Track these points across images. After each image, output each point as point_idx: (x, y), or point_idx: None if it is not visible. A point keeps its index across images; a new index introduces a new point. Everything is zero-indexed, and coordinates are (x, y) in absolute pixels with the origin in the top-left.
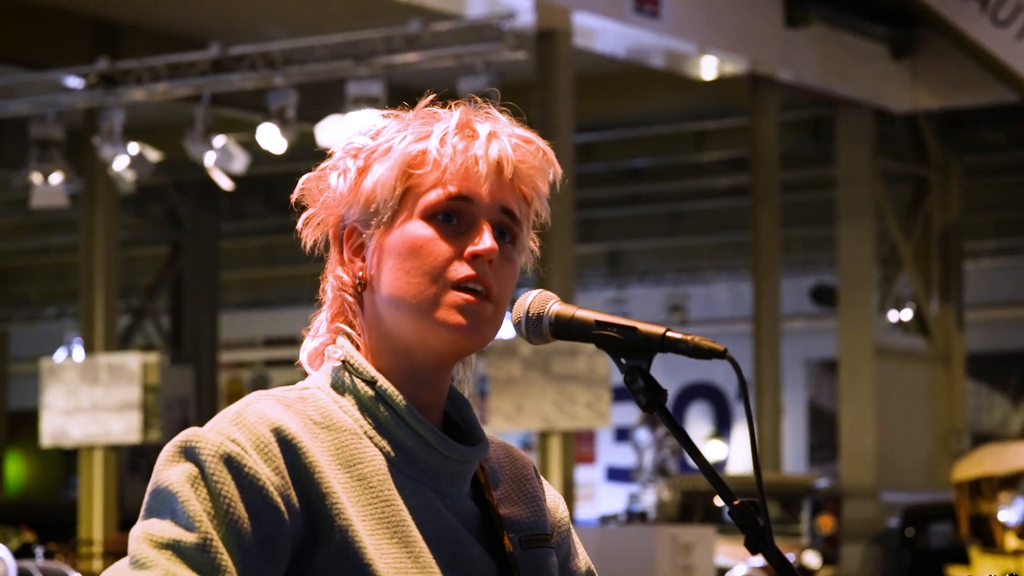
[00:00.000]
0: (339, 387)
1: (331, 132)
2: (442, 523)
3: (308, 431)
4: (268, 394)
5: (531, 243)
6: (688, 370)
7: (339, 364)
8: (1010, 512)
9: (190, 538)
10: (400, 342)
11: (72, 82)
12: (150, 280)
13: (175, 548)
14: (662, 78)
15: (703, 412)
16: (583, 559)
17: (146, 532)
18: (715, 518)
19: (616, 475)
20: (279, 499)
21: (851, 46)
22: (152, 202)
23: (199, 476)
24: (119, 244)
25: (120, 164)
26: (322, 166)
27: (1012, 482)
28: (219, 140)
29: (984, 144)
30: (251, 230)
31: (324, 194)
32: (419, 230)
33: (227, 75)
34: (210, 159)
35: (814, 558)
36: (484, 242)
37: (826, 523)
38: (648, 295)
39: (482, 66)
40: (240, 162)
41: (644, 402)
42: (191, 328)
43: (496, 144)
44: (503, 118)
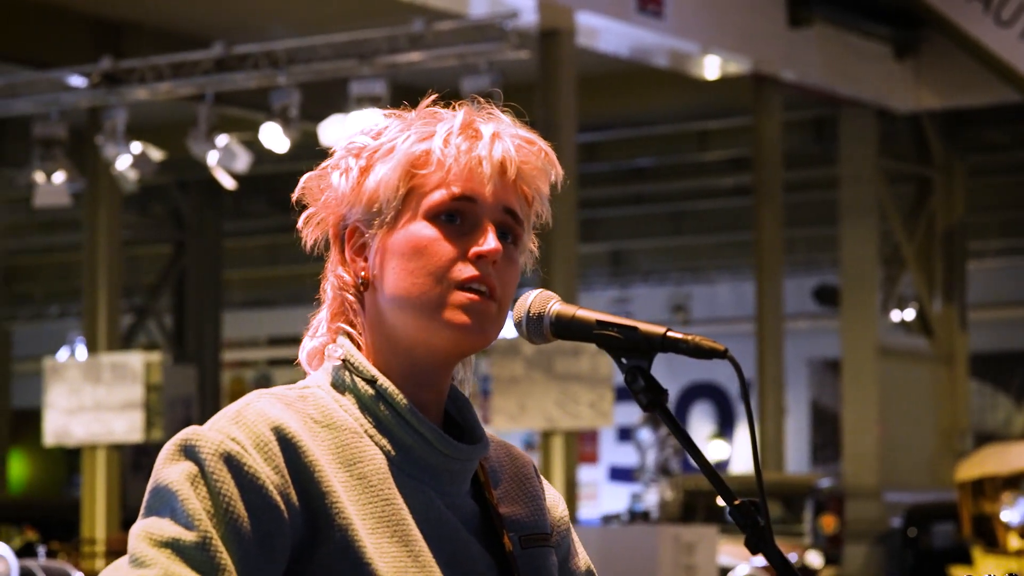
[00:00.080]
0: (339, 386)
1: (334, 131)
2: (442, 522)
3: (308, 430)
4: (268, 393)
5: (531, 244)
6: (690, 370)
7: (339, 363)
8: (1013, 512)
9: (190, 536)
10: (402, 341)
11: (75, 81)
12: (153, 279)
13: (175, 546)
14: (665, 78)
15: (705, 412)
16: (583, 558)
17: (146, 530)
18: (717, 518)
19: (619, 475)
20: (279, 498)
21: (854, 46)
22: (155, 201)
23: (199, 475)
24: (122, 243)
25: (123, 163)
26: (323, 165)
27: (1015, 482)
28: (222, 139)
29: (987, 144)
30: (254, 229)
31: (325, 193)
32: (423, 230)
33: (230, 74)
34: (213, 158)
35: (817, 558)
36: (488, 243)
37: (829, 523)
38: (651, 295)
39: (485, 66)
40: (243, 161)
41: (645, 402)
42: (194, 327)
43: (500, 145)
44: (505, 118)
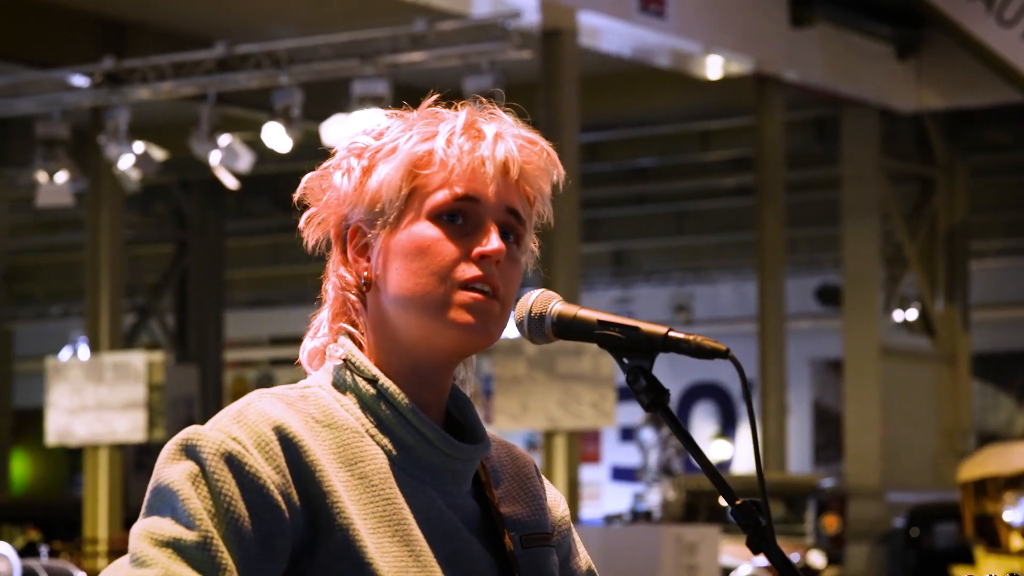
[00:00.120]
0: (340, 386)
1: (336, 131)
2: (443, 521)
3: (309, 429)
4: (269, 392)
5: (532, 244)
6: (693, 370)
7: (340, 363)
8: (1015, 512)
9: (190, 536)
10: (405, 341)
11: (78, 81)
12: (155, 279)
13: (175, 546)
14: (667, 78)
15: (708, 412)
16: (583, 558)
17: (147, 530)
18: (720, 518)
19: (621, 475)
20: (280, 497)
21: (856, 46)
22: (157, 201)
23: (200, 474)
24: (124, 243)
25: (125, 163)
26: (325, 165)
27: (1017, 482)
28: (224, 139)
29: (990, 144)
30: (256, 229)
31: (327, 193)
32: (426, 231)
33: (232, 74)
34: (215, 158)
35: (819, 558)
36: (492, 243)
37: (831, 523)
38: (653, 295)
39: (487, 65)
40: (245, 161)
41: (646, 402)
42: (196, 327)
43: (502, 145)
44: (507, 118)
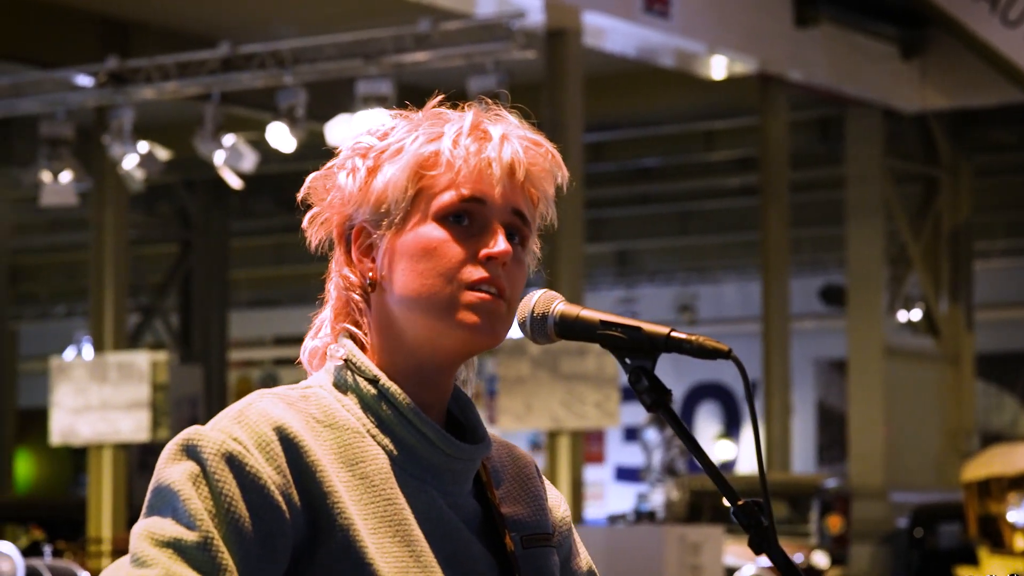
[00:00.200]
0: (341, 386)
1: (340, 131)
2: (444, 521)
3: (310, 429)
4: (270, 392)
5: (535, 245)
6: (697, 370)
7: (341, 363)
8: (1019, 513)
9: (191, 536)
10: (410, 342)
11: (82, 80)
12: (159, 278)
13: (176, 546)
14: (672, 78)
15: (712, 412)
16: (584, 559)
17: (147, 530)
18: (724, 518)
19: (625, 475)
20: (280, 498)
21: (861, 46)
22: (162, 200)
23: (200, 474)
24: (128, 242)
25: (130, 162)
26: (329, 164)
27: (1021, 483)
28: (229, 139)
29: (994, 144)
30: (260, 229)
31: (331, 193)
32: (432, 232)
33: (237, 74)
34: (219, 158)
35: (823, 558)
36: (498, 245)
37: (835, 523)
38: (657, 295)
39: (492, 65)
40: (249, 161)
41: (649, 402)
42: (200, 326)
43: (508, 147)
44: (512, 119)
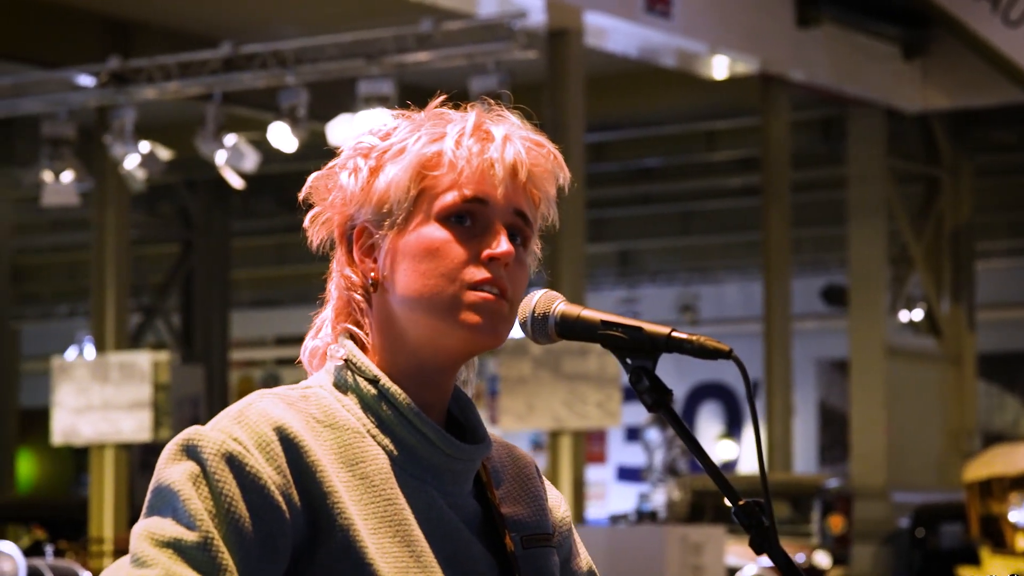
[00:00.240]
0: (342, 386)
1: (342, 131)
2: (444, 521)
3: (311, 430)
4: (271, 393)
5: (535, 246)
6: (698, 370)
7: (341, 363)
8: (1021, 513)
9: (191, 537)
10: (412, 342)
11: (84, 80)
12: (161, 278)
13: (176, 547)
14: (673, 78)
15: (714, 412)
16: (584, 559)
17: (147, 530)
18: (725, 518)
19: (627, 475)
20: (280, 498)
21: (862, 46)
22: (163, 200)
23: (201, 475)
24: (130, 242)
25: (131, 162)
26: (331, 164)
27: (1023, 483)
28: (230, 139)
29: (995, 144)
30: (262, 229)
31: (333, 193)
32: (435, 232)
33: (238, 74)
34: (221, 158)
35: (824, 558)
36: (501, 245)
37: (836, 523)
38: (659, 295)
39: (493, 65)
40: (251, 161)
41: (649, 402)
42: (202, 326)
43: (511, 147)
44: (515, 119)
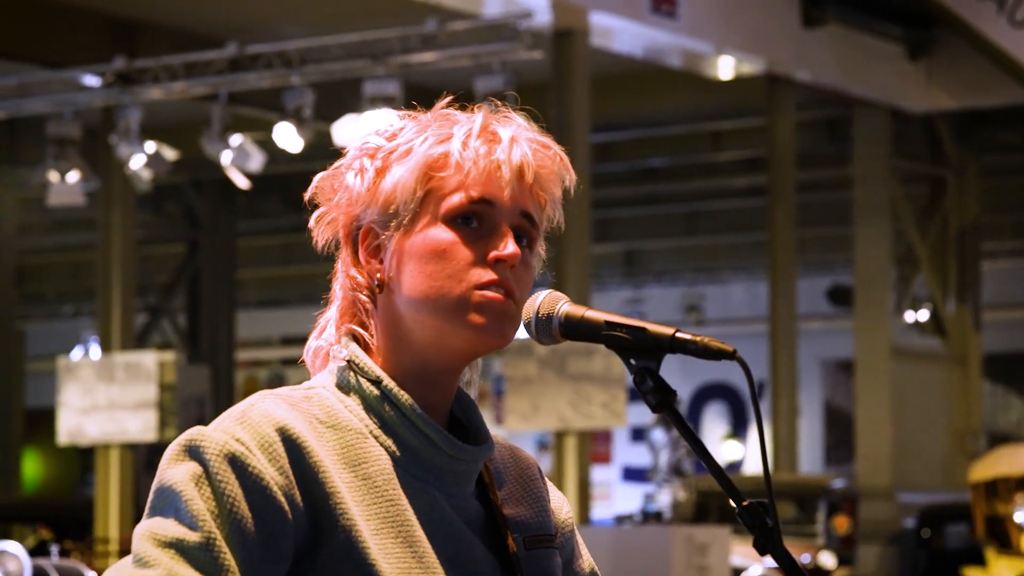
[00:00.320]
0: (344, 387)
1: (348, 131)
2: (446, 522)
3: (313, 430)
4: (273, 393)
5: (541, 247)
6: (704, 370)
7: (344, 364)
8: None
9: (193, 537)
10: (418, 343)
11: (89, 80)
12: (167, 278)
13: (178, 547)
14: (679, 78)
15: (719, 412)
16: (587, 560)
17: (150, 531)
18: (731, 518)
19: (632, 475)
20: (283, 498)
21: (868, 46)
22: (169, 200)
23: (203, 475)
24: (136, 242)
25: (137, 162)
26: (337, 164)
27: None
28: (236, 139)
29: (1001, 144)
30: (268, 229)
31: (338, 193)
32: (441, 234)
33: (244, 74)
34: (227, 158)
35: (830, 559)
36: (508, 247)
37: (842, 524)
38: (664, 295)
39: (498, 66)
40: (257, 161)
41: (653, 403)
42: (208, 326)
43: (518, 149)
44: (521, 121)
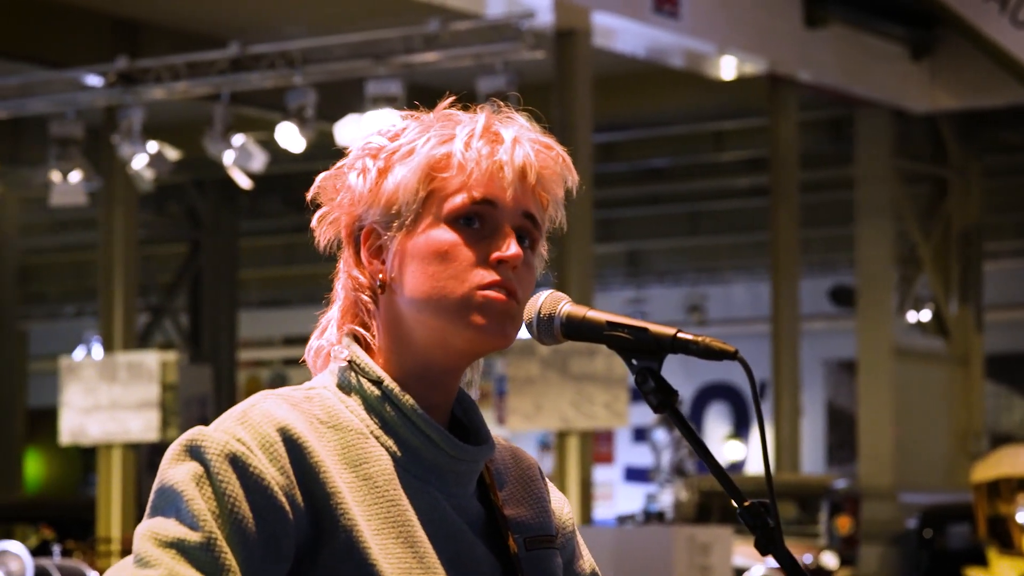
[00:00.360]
0: (345, 387)
1: (350, 131)
2: (447, 523)
3: (314, 430)
4: (274, 393)
5: (543, 248)
6: (706, 371)
7: (345, 364)
8: None
9: (194, 537)
10: (420, 343)
11: (92, 80)
12: (169, 278)
13: (179, 547)
14: (681, 78)
15: (721, 412)
16: (588, 561)
17: (151, 530)
18: (733, 518)
19: (634, 475)
20: (284, 499)
21: (870, 46)
22: (171, 200)
23: (204, 475)
24: (138, 242)
25: (139, 162)
26: (339, 164)
27: None
28: (238, 139)
29: (1003, 145)
30: (270, 229)
31: (341, 193)
32: (443, 235)
33: (246, 74)
34: (229, 158)
35: (832, 559)
36: (510, 248)
37: (844, 524)
38: (667, 295)
39: (501, 66)
40: (259, 161)
41: (655, 403)
42: (210, 326)
43: (520, 150)
44: (523, 121)
